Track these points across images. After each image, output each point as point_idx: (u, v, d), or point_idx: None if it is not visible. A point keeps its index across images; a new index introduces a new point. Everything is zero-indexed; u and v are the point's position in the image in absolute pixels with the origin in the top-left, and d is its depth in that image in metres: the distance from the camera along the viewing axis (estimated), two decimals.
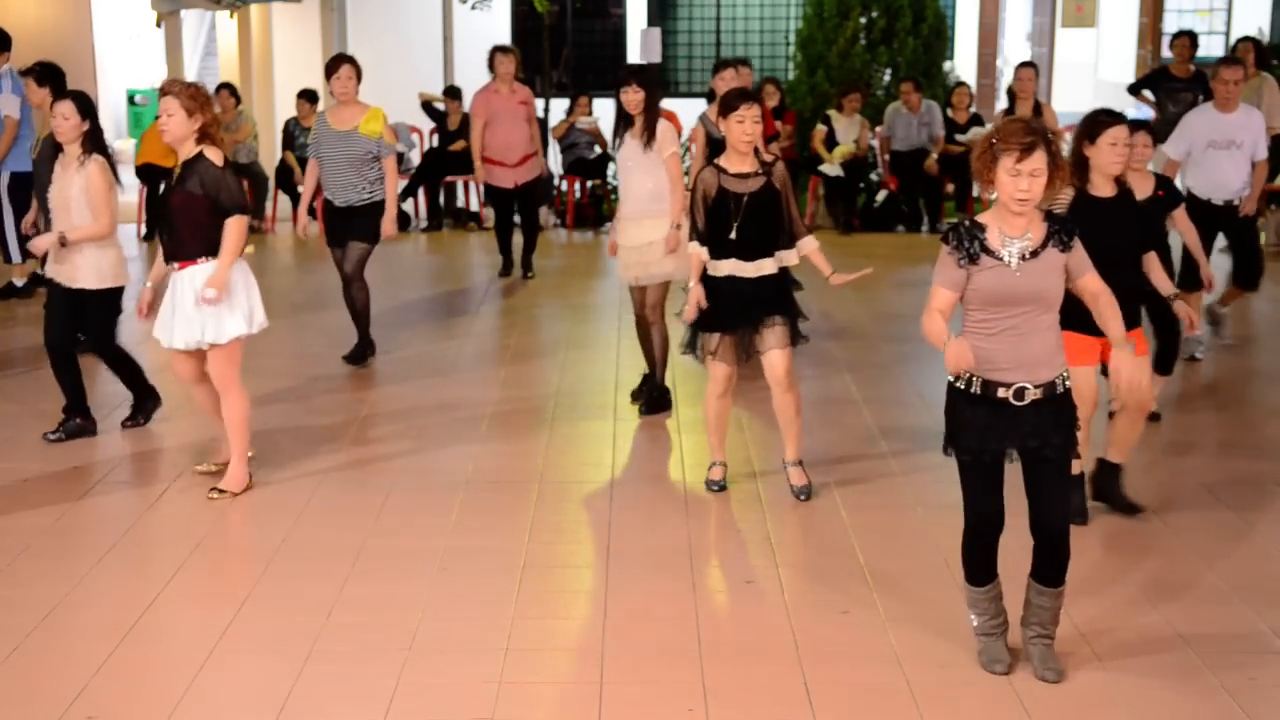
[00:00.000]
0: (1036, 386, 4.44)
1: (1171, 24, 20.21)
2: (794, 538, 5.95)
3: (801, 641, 4.90)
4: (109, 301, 7.11)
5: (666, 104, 15.49)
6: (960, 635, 4.91)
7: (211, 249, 6.17)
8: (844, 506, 6.25)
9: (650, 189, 7.37)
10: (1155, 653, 4.82)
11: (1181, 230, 7.00)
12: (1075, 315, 5.26)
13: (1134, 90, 13.26)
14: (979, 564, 4.67)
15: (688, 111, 16.47)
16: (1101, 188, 5.71)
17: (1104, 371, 5.56)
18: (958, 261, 4.43)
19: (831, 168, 13.74)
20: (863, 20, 15.23)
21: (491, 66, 11.35)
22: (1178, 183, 7.85)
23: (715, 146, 9.02)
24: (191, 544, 5.84)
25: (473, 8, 17.29)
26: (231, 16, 16.36)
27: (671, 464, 6.94)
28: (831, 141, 13.74)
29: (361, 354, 8.73)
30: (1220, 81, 8.51)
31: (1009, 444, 4.47)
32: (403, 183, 14.66)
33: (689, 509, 6.26)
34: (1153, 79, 13.15)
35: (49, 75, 8.65)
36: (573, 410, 7.81)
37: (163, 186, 6.30)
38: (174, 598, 5.31)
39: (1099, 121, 5.66)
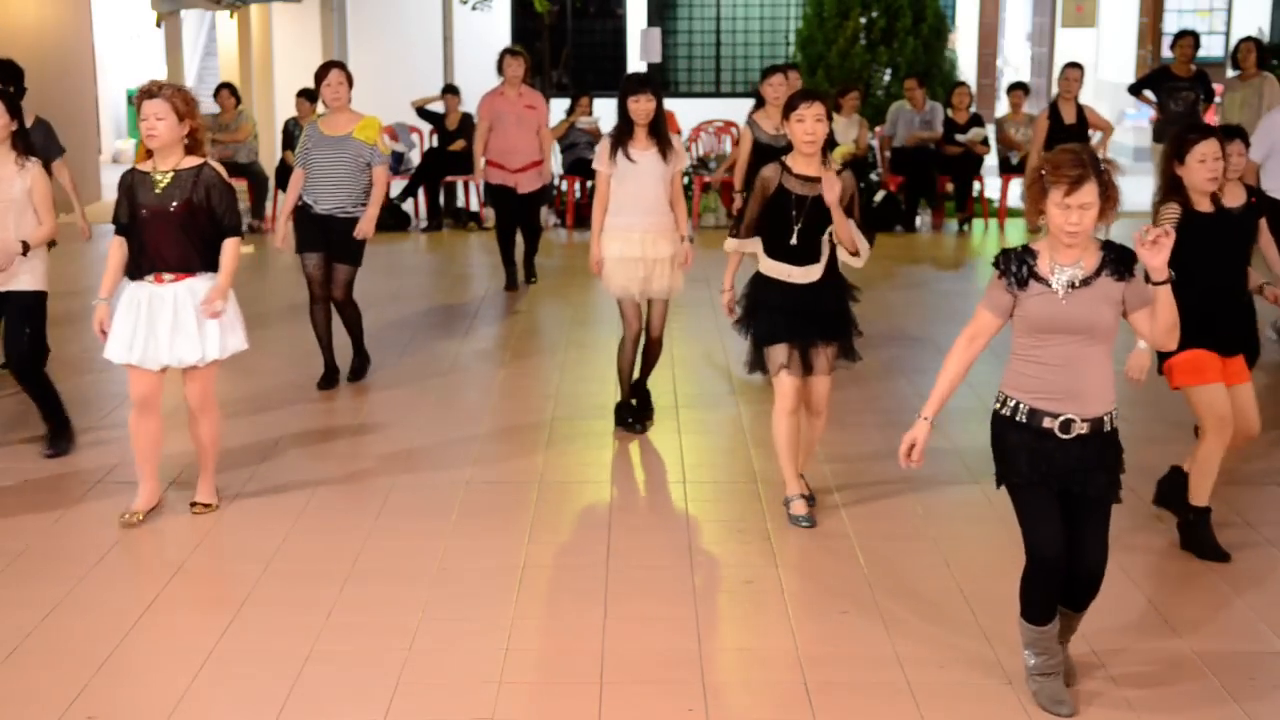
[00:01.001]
0: (1084, 420, 4.32)
1: (1171, 24, 20.21)
2: (794, 538, 5.94)
3: (801, 641, 4.90)
4: (42, 305, 6.92)
5: (665, 104, 15.35)
6: (960, 635, 4.91)
7: (209, 264, 5.96)
8: (844, 507, 6.25)
9: (664, 200, 7.19)
10: (1154, 652, 4.82)
11: (1262, 243, 6.83)
12: (1194, 330, 5.22)
13: (1135, 90, 13.26)
14: (1040, 602, 4.42)
15: (687, 111, 16.54)
16: (1200, 203, 5.63)
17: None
18: (1006, 286, 4.37)
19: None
20: (863, 20, 15.23)
21: (500, 69, 11.22)
22: None
23: (760, 150, 8.99)
24: (191, 545, 5.83)
25: (473, 8, 17.31)
26: (231, 16, 16.37)
27: (672, 464, 6.93)
28: (831, 143, 13.73)
29: (360, 369, 8.48)
30: None
31: (1053, 477, 4.36)
32: (403, 183, 14.69)
33: (689, 509, 6.26)
34: (1154, 79, 13.16)
35: (7, 74, 8.40)
36: (573, 410, 7.81)
37: (143, 192, 5.90)
38: (174, 598, 5.31)
39: (1186, 139, 5.56)
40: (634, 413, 7.47)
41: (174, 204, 5.85)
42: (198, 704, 4.48)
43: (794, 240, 6.01)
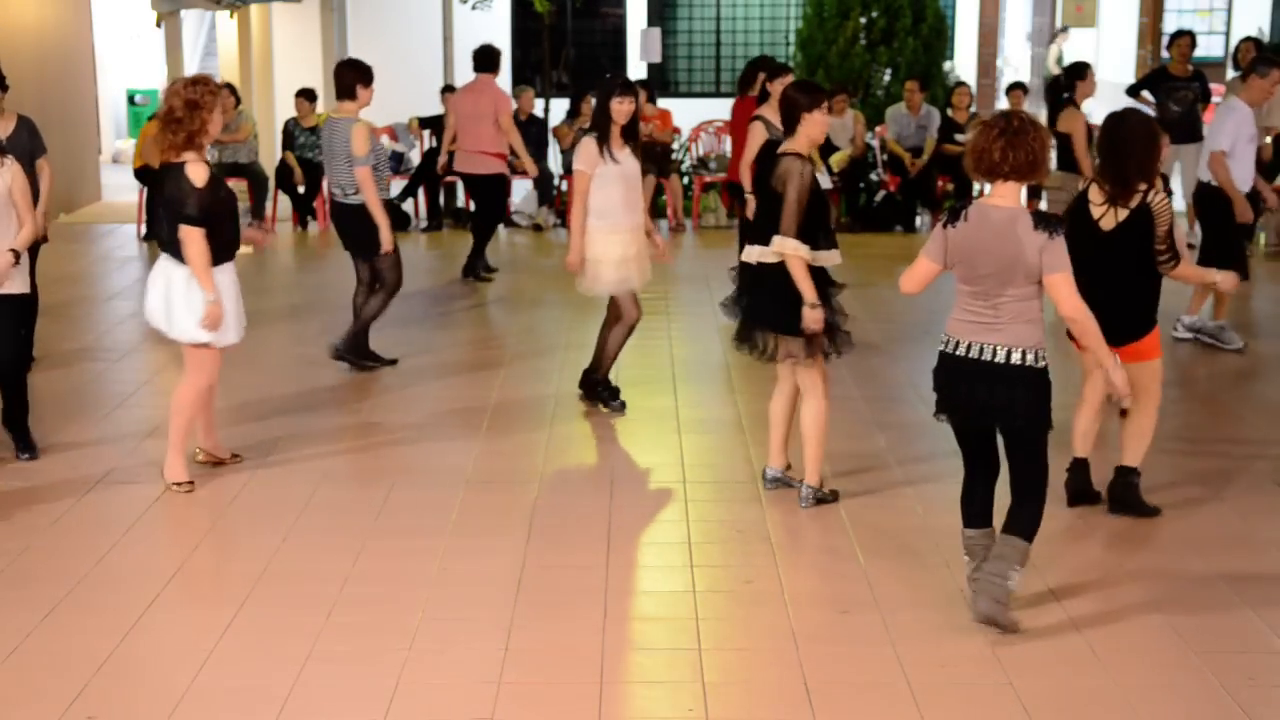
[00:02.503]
0: None
1: (1171, 24, 20.19)
2: (794, 538, 5.94)
3: (801, 641, 4.90)
4: (33, 307, 6.99)
5: (664, 103, 15.37)
6: (961, 635, 4.92)
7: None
8: (844, 506, 6.25)
9: (641, 198, 7.50)
10: (1155, 652, 4.83)
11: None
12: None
13: (1133, 91, 13.27)
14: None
15: (686, 111, 16.54)
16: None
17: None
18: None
19: (823, 179, 13.64)
20: (863, 20, 15.22)
21: (494, 65, 11.53)
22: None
23: (771, 146, 9.06)
24: (191, 544, 5.84)
25: (473, 8, 17.31)
26: (231, 16, 16.38)
27: (671, 464, 6.93)
28: (828, 147, 13.62)
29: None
30: (1274, 82, 8.81)
31: None
32: (403, 183, 14.69)
33: (689, 509, 6.26)
34: (1152, 79, 13.17)
35: None
36: (573, 410, 7.81)
37: (214, 185, 6.23)
38: (174, 598, 5.31)
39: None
40: (611, 391, 7.75)
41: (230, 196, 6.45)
42: (198, 704, 4.49)
43: (831, 226, 6.28)
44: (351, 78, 8.52)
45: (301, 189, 14.22)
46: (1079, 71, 9.69)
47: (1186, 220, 12.89)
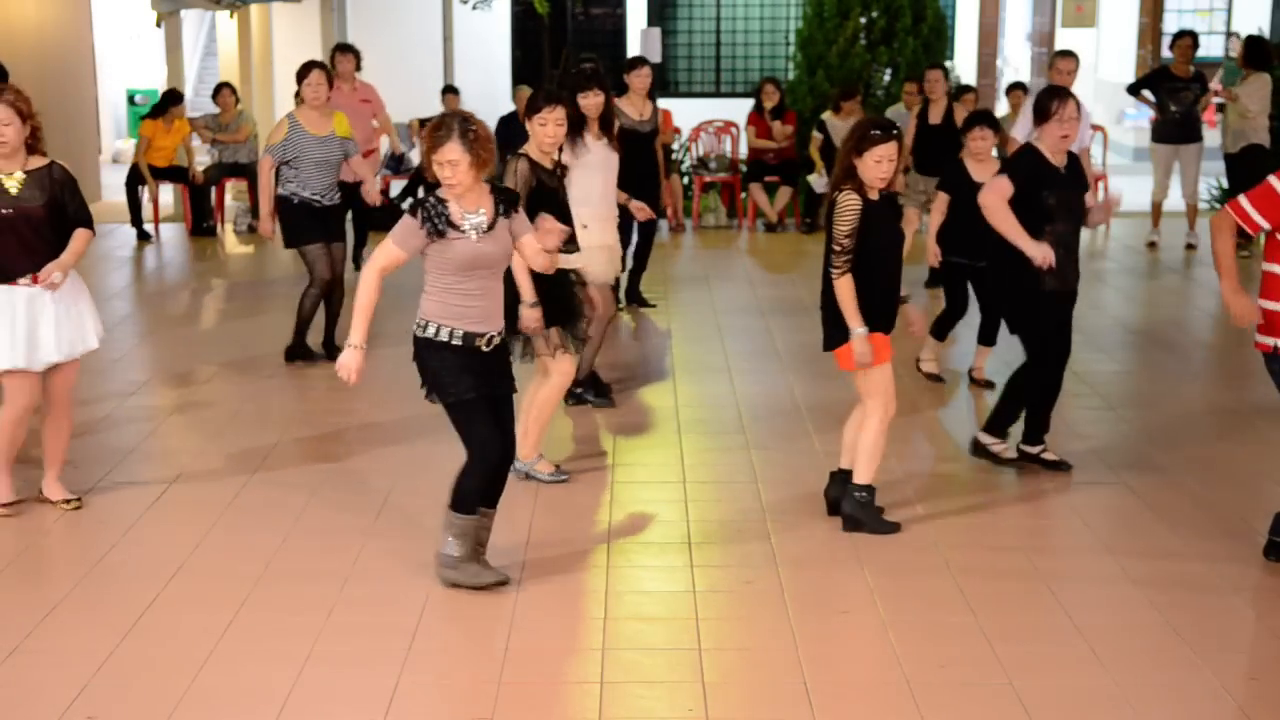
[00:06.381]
0: (498, 334, 5.24)
1: (1171, 24, 20.21)
2: (794, 538, 5.94)
3: (801, 641, 4.90)
4: None
5: (664, 103, 15.41)
6: (960, 635, 4.92)
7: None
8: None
9: (614, 190, 7.59)
10: (1155, 652, 4.83)
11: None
12: (873, 314, 5.72)
13: (1134, 90, 13.28)
14: (475, 497, 5.27)
15: (686, 111, 16.54)
16: (873, 194, 5.73)
17: None
18: (427, 234, 5.11)
19: (819, 180, 13.64)
20: (863, 20, 15.22)
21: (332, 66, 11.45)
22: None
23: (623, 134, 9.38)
24: (191, 544, 5.83)
25: (473, 8, 17.33)
26: (231, 16, 16.39)
27: (671, 464, 6.93)
28: (829, 148, 13.60)
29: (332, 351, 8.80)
30: None
31: (486, 386, 5.19)
32: (402, 183, 14.70)
33: (689, 509, 6.26)
34: (1153, 79, 13.17)
35: None
36: (571, 410, 7.80)
37: None
38: (174, 598, 5.31)
39: (868, 137, 5.67)
40: (596, 388, 7.79)
41: (39, 204, 5.98)
42: (198, 704, 4.49)
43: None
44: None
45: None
46: None
47: (1187, 221, 12.91)
